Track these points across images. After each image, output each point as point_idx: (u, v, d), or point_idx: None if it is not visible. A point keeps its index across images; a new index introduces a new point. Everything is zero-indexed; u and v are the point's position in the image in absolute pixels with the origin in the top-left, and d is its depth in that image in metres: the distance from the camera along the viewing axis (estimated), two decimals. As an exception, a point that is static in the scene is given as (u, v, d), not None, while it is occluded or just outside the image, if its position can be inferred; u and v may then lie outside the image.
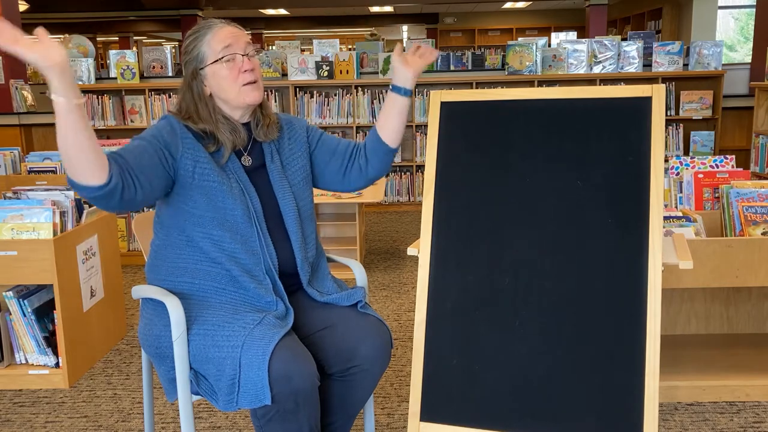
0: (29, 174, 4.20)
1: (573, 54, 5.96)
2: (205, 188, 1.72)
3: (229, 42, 1.74)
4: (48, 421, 2.46)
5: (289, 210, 1.83)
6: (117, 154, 1.62)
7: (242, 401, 1.58)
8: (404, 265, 4.35)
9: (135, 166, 1.61)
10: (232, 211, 1.73)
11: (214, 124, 1.76)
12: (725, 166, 2.96)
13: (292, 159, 1.90)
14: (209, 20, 1.79)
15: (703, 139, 5.90)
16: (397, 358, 2.92)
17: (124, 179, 1.57)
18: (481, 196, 1.77)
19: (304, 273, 1.84)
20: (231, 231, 1.73)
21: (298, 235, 1.83)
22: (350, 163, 1.94)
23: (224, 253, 1.73)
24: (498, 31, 16.12)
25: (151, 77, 6.43)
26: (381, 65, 6.08)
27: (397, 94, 1.88)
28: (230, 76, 1.74)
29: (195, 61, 1.76)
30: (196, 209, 1.72)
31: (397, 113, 1.90)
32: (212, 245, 1.73)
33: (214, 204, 1.72)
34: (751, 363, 2.58)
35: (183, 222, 1.75)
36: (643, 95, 1.71)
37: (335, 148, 1.96)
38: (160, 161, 1.67)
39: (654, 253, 1.62)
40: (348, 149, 1.96)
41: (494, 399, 1.67)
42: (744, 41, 11.97)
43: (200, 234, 1.73)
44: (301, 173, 1.90)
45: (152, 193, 1.67)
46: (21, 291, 2.71)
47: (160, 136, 1.71)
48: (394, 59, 1.86)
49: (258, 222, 1.77)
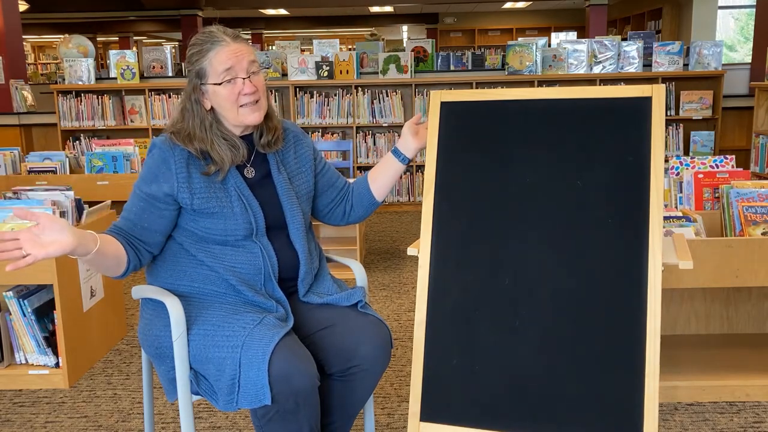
0: (29, 174, 4.20)
1: (573, 54, 5.96)
2: (205, 213, 1.73)
3: (231, 64, 1.70)
4: (48, 421, 2.46)
5: (295, 220, 1.82)
6: (123, 231, 1.72)
7: (242, 401, 1.58)
8: (404, 265, 4.35)
9: (140, 235, 1.73)
10: (234, 231, 1.74)
11: (209, 143, 1.73)
12: (725, 166, 2.96)
13: (298, 173, 1.89)
14: (215, 33, 1.73)
15: (703, 139, 5.90)
16: (397, 358, 2.91)
17: (138, 254, 1.73)
18: (481, 196, 1.77)
19: (304, 284, 1.84)
20: (231, 246, 1.74)
21: (304, 246, 1.83)
22: (339, 203, 1.98)
23: (222, 264, 1.74)
24: (498, 31, 16.12)
25: (151, 77, 6.43)
26: (381, 65, 6.08)
27: (396, 158, 1.93)
28: (230, 98, 1.71)
29: (197, 76, 1.74)
30: (197, 230, 1.75)
31: (391, 175, 1.96)
32: (211, 257, 1.74)
33: (215, 226, 1.73)
34: (751, 363, 2.58)
35: (182, 237, 1.76)
36: (643, 95, 1.71)
37: (334, 182, 1.99)
38: (161, 215, 1.73)
39: (654, 253, 1.62)
40: (342, 189, 1.99)
41: (494, 399, 1.67)
42: (744, 41, 11.97)
43: (199, 248, 1.75)
44: (305, 187, 1.90)
45: (164, 238, 1.77)
46: (21, 291, 2.71)
47: (155, 182, 1.72)
48: (407, 127, 1.92)
49: (260, 237, 1.77)
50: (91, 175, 4.21)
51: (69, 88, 6.12)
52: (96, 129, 6.22)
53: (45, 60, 18.16)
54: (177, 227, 1.77)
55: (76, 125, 6.16)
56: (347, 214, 2.00)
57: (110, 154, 4.26)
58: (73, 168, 4.36)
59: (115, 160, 4.25)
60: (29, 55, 17.91)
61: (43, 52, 18.63)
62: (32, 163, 4.24)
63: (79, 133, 6.28)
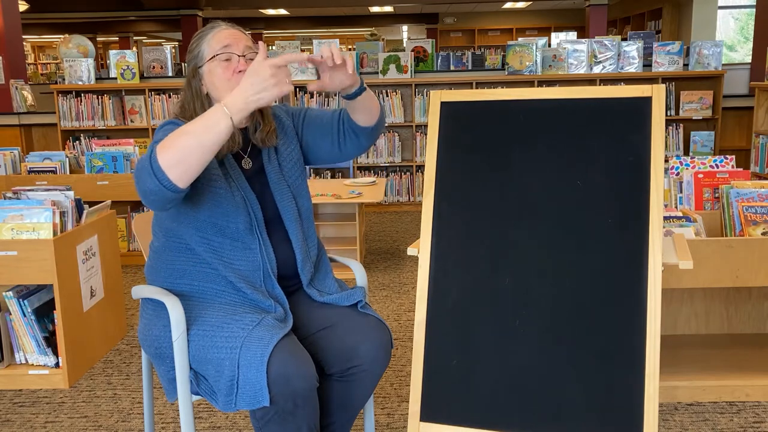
0: (29, 174, 4.20)
1: (573, 54, 5.96)
2: (210, 194, 1.72)
3: (228, 42, 1.73)
4: (48, 421, 2.46)
5: (288, 212, 1.82)
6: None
7: (241, 402, 1.58)
8: (404, 265, 4.35)
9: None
10: (234, 220, 1.73)
11: None
12: (725, 166, 2.96)
13: (288, 155, 1.88)
14: (216, 22, 1.79)
15: (703, 139, 5.90)
16: (397, 358, 2.91)
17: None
18: (481, 196, 1.77)
19: (305, 273, 1.84)
20: (231, 238, 1.73)
21: (299, 236, 1.83)
22: (342, 135, 1.86)
23: (222, 261, 1.73)
24: (498, 31, 16.12)
25: (151, 77, 6.43)
26: (381, 65, 6.08)
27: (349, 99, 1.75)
28: (224, 75, 1.72)
29: (195, 59, 1.77)
30: (198, 213, 1.72)
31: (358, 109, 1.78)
32: (210, 252, 1.73)
33: (217, 210, 1.72)
34: (751, 363, 2.58)
35: (182, 227, 1.75)
36: (643, 95, 1.71)
37: (322, 123, 1.89)
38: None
39: (654, 253, 1.62)
40: (335, 125, 1.87)
41: (494, 399, 1.67)
42: (744, 41, 11.97)
43: (198, 239, 1.73)
44: (297, 169, 1.89)
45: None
46: (21, 291, 2.71)
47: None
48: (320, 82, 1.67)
49: (259, 230, 1.77)
50: (91, 175, 4.21)
51: (69, 88, 6.12)
52: (96, 129, 6.22)
53: (45, 60, 18.16)
54: (177, 213, 1.74)
55: (76, 125, 6.16)
56: (357, 141, 1.85)
57: (110, 154, 4.26)
58: (73, 168, 4.37)
59: (115, 160, 4.25)
60: (29, 55, 17.92)
61: (43, 52, 18.64)
62: (32, 163, 4.24)
63: (79, 133, 6.28)
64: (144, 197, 1.56)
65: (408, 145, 6.28)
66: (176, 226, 1.76)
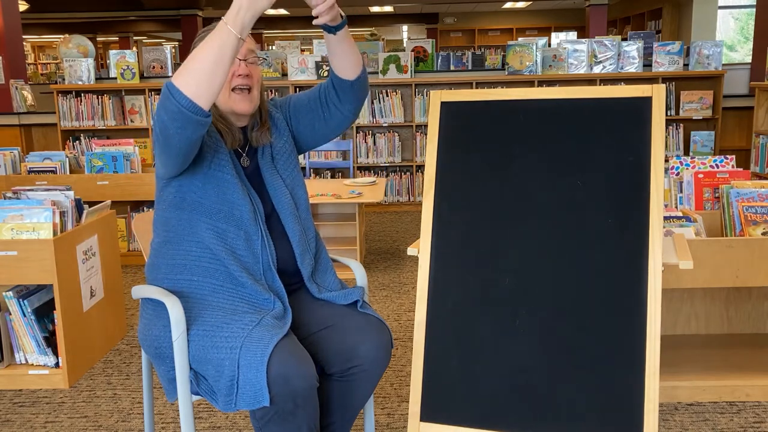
0: (29, 174, 4.20)
1: (573, 54, 5.96)
2: (218, 179, 1.74)
3: None
4: (48, 421, 2.46)
5: (285, 207, 1.84)
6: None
7: (241, 402, 1.58)
8: (404, 265, 4.35)
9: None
10: (240, 207, 1.75)
11: (215, 119, 1.80)
12: (725, 166, 2.96)
13: (280, 149, 1.91)
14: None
15: (703, 139, 5.90)
16: (397, 358, 2.91)
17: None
18: (481, 196, 1.77)
19: (306, 266, 1.84)
20: (235, 226, 1.75)
21: (297, 230, 1.84)
22: (326, 109, 1.90)
23: (225, 247, 1.73)
24: (498, 31, 16.12)
25: (151, 77, 6.43)
26: (381, 65, 6.08)
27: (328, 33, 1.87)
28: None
29: None
30: (205, 199, 1.74)
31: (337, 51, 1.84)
32: (215, 237, 1.73)
33: (224, 197, 1.74)
34: (751, 363, 2.58)
35: (189, 212, 1.75)
36: (643, 95, 1.71)
37: (308, 101, 1.93)
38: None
39: (654, 253, 1.62)
40: (317, 98, 1.91)
41: (494, 399, 1.67)
42: (744, 41, 11.97)
43: (205, 224, 1.74)
44: (290, 162, 1.91)
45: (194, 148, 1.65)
46: (21, 291, 2.71)
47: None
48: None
49: (261, 221, 1.78)
50: (91, 175, 4.21)
51: (69, 88, 6.12)
52: (96, 129, 6.22)
53: (45, 60, 18.16)
54: (183, 200, 1.75)
55: (76, 125, 6.16)
56: (340, 109, 1.89)
57: (110, 154, 4.26)
58: (73, 168, 4.37)
59: (115, 160, 4.25)
60: (29, 55, 17.92)
61: (43, 52, 18.64)
62: (32, 163, 4.24)
63: (79, 133, 6.28)
64: (163, 132, 1.56)
65: (408, 145, 6.28)
66: (180, 215, 1.76)
